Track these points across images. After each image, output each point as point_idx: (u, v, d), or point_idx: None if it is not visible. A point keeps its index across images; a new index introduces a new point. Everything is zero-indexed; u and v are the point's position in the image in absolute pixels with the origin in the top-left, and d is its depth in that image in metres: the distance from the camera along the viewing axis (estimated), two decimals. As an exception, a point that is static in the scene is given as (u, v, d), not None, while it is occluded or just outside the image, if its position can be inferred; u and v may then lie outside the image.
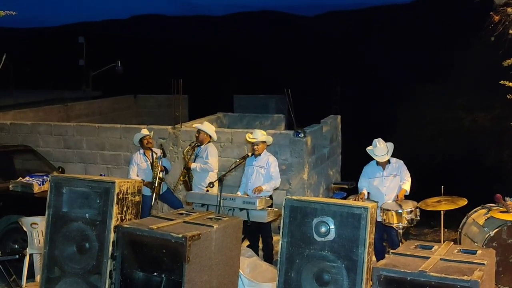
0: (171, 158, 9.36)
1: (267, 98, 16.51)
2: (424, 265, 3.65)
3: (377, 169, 7.03)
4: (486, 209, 5.90)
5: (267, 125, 11.72)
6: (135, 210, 4.97)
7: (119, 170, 9.85)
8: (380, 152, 6.83)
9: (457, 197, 6.22)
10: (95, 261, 4.63)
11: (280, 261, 4.24)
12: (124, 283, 4.60)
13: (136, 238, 4.52)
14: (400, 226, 6.37)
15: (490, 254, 4.01)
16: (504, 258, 5.33)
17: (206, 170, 7.81)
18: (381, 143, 6.88)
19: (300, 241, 4.19)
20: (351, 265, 3.97)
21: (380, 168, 7.01)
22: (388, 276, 3.64)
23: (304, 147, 8.79)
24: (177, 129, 9.56)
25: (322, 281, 4.08)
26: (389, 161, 7.01)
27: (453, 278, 3.44)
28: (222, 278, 4.68)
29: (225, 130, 9.60)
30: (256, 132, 7.36)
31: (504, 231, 5.33)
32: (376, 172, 7.03)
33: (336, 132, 10.97)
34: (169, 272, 4.45)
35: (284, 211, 4.27)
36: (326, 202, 4.22)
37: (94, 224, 4.68)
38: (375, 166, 7.06)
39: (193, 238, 4.28)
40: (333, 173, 10.61)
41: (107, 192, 4.67)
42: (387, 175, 6.97)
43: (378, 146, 6.85)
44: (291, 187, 8.82)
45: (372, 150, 6.91)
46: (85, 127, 10.56)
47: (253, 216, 6.67)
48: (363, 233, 3.97)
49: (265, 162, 7.24)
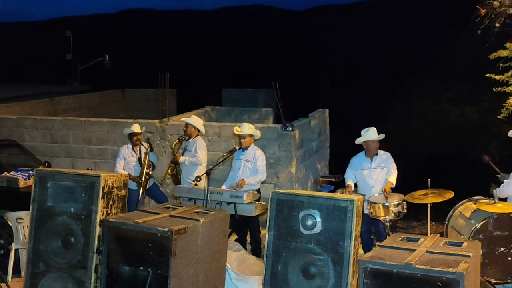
0: (158, 152, 9.31)
1: (255, 92, 16.46)
2: (410, 257, 3.66)
3: (365, 161, 7.03)
4: (472, 201, 5.91)
5: (255, 119, 11.69)
6: (121, 204, 4.94)
7: (107, 165, 9.79)
8: (371, 134, 6.83)
9: (444, 190, 6.25)
10: (81, 255, 4.59)
11: (267, 254, 4.23)
12: (110, 278, 4.56)
13: (122, 232, 4.49)
14: (387, 219, 6.38)
15: (475, 246, 4.03)
16: (490, 250, 5.36)
17: (195, 163, 7.78)
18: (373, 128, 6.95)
19: (287, 234, 4.18)
20: (338, 258, 3.97)
21: (368, 159, 7.01)
22: (374, 268, 3.65)
23: (292, 141, 8.78)
24: (164, 123, 9.51)
25: (309, 274, 4.07)
26: (377, 153, 7.01)
27: (439, 270, 3.46)
28: (208, 272, 4.67)
29: (212, 124, 9.56)
30: (243, 125, 7.34)
31: (490, 224, 5.35)
32: (364, 163, 7.03)
33: (324, 125, 10.97)
34: (155, 266, 4.42)
35: (270, 205, 4.26)
36: (313, 195, 4.21)
37: (79, 218, 4.64)
38: (363, 158, 7.06)
39: (179, 232, 4.26)
40: (321, 166, 10.62)
41: (93, 186, 4.63)
42: (375, 167, 6.98)
43: (371, 130, 6.87)
44: (279, 181, 8.81)
45: (365, 134, 6.90)
46: (72, 121, 10.47)
47: (240, 210, 6.65)
48: (349, 226, 3.97)
49: (252, 156, 7.23)
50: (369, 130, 6.94)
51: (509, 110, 6.86)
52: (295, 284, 4.11)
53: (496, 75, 6.92)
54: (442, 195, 6.12)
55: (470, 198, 6.06)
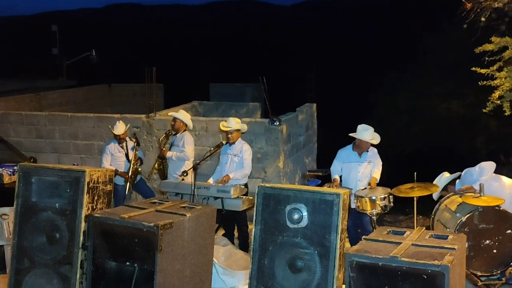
0: (145, 147, 9.27)
1: (243, 86, 16.42)
2: (395, 250, 3.67)
3: (353, 154, 7.05)
4: (458, 195, 5.95)
5: (243, 114, 11.67)
6: (107, 199, 4.90)
7: (93, 160, 9.73)
8: (368, 136, 6.84)
9: (430, 183, 6.28)
10: (66, 251, 4.55)
11: (253, 248, 4.23)
12: (96, 273, 4.53)
13: (108, 227, 4.45)
14: (374, 213, 6.41)
15: (461, 239, 4.05)
16: (475, 243, 5.39)
17: (182, 158, 7.75)
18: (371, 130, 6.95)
19: (273, 228, 4.18)
20: (324, 252, 3.97)
21: (356, 153, 7.03)
22: (360, 262, 3.65)
23: (280, 135, 8.78)
24: (151, 118, 9.47)
25: (295, 267, 4.07)
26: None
27: (424, 263, 3.47)
28: (195, 267, 4.65)
29: (200, 119, 9.53)
30: (230, 120, 7.32)
31: (475, 217, 5.38)
32: (352, 156, 7.05)
33: (312, 120, 10.97)
34: (141, 261, 4.39)
35: (257, 199, 4.25)
36: (299, 189, 4.21)
37: (64, 214, 4.59)
38: (351, 151, 7.08)
39: (165, 227, 4.24)
40: (309, 161, 10.63)
41: (77, 181, 4.59)
42: (362, 161, 7.00)
43: (369, 131, 6.87)
44: (267, 176, 8.81)
45: (362, 133, 6.91)
46: (57, 116, 10.39)
47: (227, 205, 6.64)
48: (335, 220, 3.97)
49: (239, 150, 7.21)
50: (368, 130, 6.93)
51: (494, 104, 6.91)
52: (282, 278, 4.11)
53: (481, 69, 6.96)
54: (428, 188, 6.16)
55: (456, 191, 6.08)
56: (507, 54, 6.85)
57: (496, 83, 6.75)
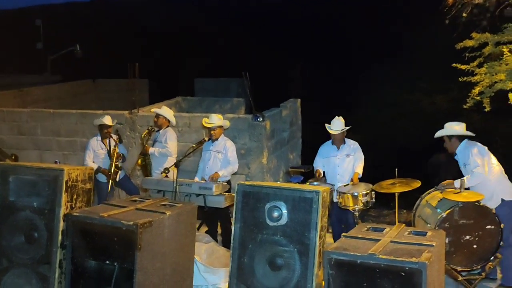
0: (128, 143, 9.21)
1: (228, 81, 16.31)
2: (374, 247, 3.68)
3: (332, 149, 7.13)
4: (439, 190, 5.98)
5: (227, 109, 11.64)
6: (86, 198, 4.87)
7: (76, 157, 9.65)
8: (336, 126, 6.90)
9: (411, 179, 6.30)
10: (44, 250, 4.53)
11: (233, 246, 4.22)
12: (75, 272, 4.50)
13: (87, 226, 4.42)
14: (356, 209, 6.43)
15: (439, 236, 4.07)
16: (456, 238, 5.42)
17: (165, 154, 7.72)
18: (340, 119, 7.03)
19: (253, 226, 4.17)
20: (303, 249, 3.97)
21: (335, 147, 7.10)
22: (338, 259, 3.66)
23: (263, 131, 8.76)
24: (134, 114, 9.40)
25: (275, 265, 4.07)
26: (345, 141, 7.09)
27: (402, 260, 3.48)
28: (176, 265, 4.63)
29: (182, 115, 9.48)
30: (212, 116, 7.29)
31: (456, 212, 5.41)
32: (331, 151, 7.13)
33: (296, 115, 10.96)
34: (121, 260, 4.37)
35: (236, 197, 4.24)
36: (279, 187, 4.20)
37: (42, 213, 4.56)
38: (330, 146, 7.17)
39: (144, 226, 4.21)
40: (293, 156, 10.63)
41: (56, 180, 4.55)
42: (342, 155, 7.06)
43: (336, 120, 6.92)
44: (250, 172, 8.80)
45: (330, 126, 7.02)
46: (40, 112, 10.28)
47: (210, 202, 6.62)
48: (315, 217, 3.97)
49: (223, 147, 7.19)
50: (334, 122, 7.04)
51: (475, 100, 6.95)
52: (262, 276, 4.11)
53: (462, 65, 7.00)
54: (409, 184, 6.18)
55: (437, 187, 6.12)
56: (487, 50, 6.90)
57: (476, 79, 6.80)
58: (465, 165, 5.98)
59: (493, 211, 5.49)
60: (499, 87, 6.66)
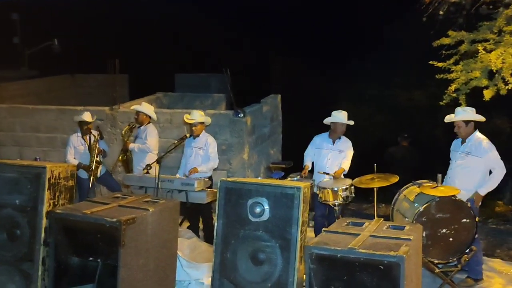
0: (109, 140, 9.19)
1: (209, 77, 16.27)
2: (353, 242, 3.77)
3: (327, 141, 7.16)
4: (416, 185, 6.10)
5: (208, 105, 11.67)
6: (69, 195, 4.89)
7: (56, 153, 9.60)
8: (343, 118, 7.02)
9: (390, 174, 6.42)
10: (27, 248, 4.54)
11: (216, 242, 4.28)
12: (59, 269, 4.53)
13: (70, 223, 4.44)
14: (336, 203, 6.53)
15: (417, 229, 4.18)
16: (433, 232, 5.54)
17: (144, 150, 7.74)
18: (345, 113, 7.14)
19: (235, 222, 4.23)
20: (285, 244, 4.05)
21: (330, 141, 7.13)
22: (319, 254, 3.74)
23: (244, 127, 8.82)
24: (114, 110, 9.38)
25: (257, 260, 4.14)
26: (340, 137, 7.17)
27: (381, 254, 3.58)
28: (159, 261, 4.68)
29: (163, 111, 9.49)
30: (193, 113, 7.32)
31: (432, 206, 5.53)
32: (325, 143, 7.15)
33: (277, 111, 11.04)
34: (104, 256, 4.42)
35: (219, 193, 4.30)
36: (261, 183, 4.27)
37: (25, 211, 4.57)
38: (326, 138, 7.18)
39: (127, 222, 4.26)
40: (274, 152, 10.71)
41: (38, 178, 4.57)
42: (335, 149, 7.10)
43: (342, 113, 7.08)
44: (232, 167, 8.86)
45: (337, 116, 7.06)
46: (18, 108, 10.19)
47: (192, 198, 6.66)
48: (296, 213, 4.05)
49: (204, 143, 7.23)
50: (341, 113, 7.11)
51: (451, 96, 7.09)
52: (244, 271, 4.18)
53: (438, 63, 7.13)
54: (387, 179, 6.30)
55: (414, 181, 6.25)
56: (463, 48, 7.04)
57: (453, 76, 6.93)
58: (468, 153, 5.97)
59: (469, 205, 5.63)
60: (474, 84, 6.80)
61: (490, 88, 6.74)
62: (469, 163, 5.92)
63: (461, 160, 6.01)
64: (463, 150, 6.04)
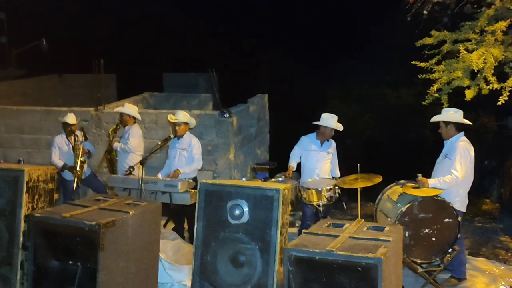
0: (94, 140, 9.14)
1: (196, 76, 16.20)
2: (332, 244, 3.77)
3: (314, 143, 7.06)
4: (399, 185, 6.10)
5: (195, 105, 11.64)
6: (49, 198, 4.85)
7: (40, 154, 9.53)
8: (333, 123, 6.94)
9: (373, 174, 6.40)
10: (5, 252, 4.51)
11: (196, 245, 4.28)
12: (38, 273, 4.49)
13: (49, 227, 4.40)
14: (320, 204, 6.52)
15: (397, 230, 4.18)
16: (415, 232, 5.55)
17: (125, 151, 7.72)
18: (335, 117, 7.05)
19: (216, 224, 4.23)
20: (265, 246, 4.04)
21: (318, 142, 7.06)
22: (298, 256, 3.74)
23: (230, 127, 8.81)
24: (99, 111, 9.33)
25: (238, 262, 4.14)
26: (328, 139, 7.12)
27: (358, 256, 3.58)
28: (140, 264, 4.65)
29: (149, 111, 9.46)
30: (178, 113, 7.30)
31: (415, 206, 5.54)
32: (313, 145, 7.06)
33: (264, 111, 11.03)
34: (84, 260, 4.38)
35: (199, 195, 4.30)
36: (240, 185, 4.26)
37: (3, 214, 4.54)
38: (314, 139, 7.09)
39: (107, 225, 4.22)
40: (261, 152, 10.71)
41: (16, 181, 4.53)
42: (323, 150, 7.05)
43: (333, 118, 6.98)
44: (218, 168, 8.84)
45: (326, 120, 6.97)
46: (3, 109, 10.11)
47: (176, 199, 6.64)
48: (275, 215, 4.04)
49: (188, 144, 7.20)
50: (331, 117, 6.99)
51: (433, 97, 7.10)
52: (224, 273, 4.17)
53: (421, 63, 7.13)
54: (371, 179, 6.28)
55: (397, 182, 6.25)
56: (445, 48, 7.05)
57: (435, 76, 6.94)
58: (445, 156, 5.92)
59: (451, 205, 5.64)
60: (456, 84, 6.80)
61: (472, 88, 6.75)
62: (445, 165, 5.89)
63: (441, 161, 6.01)
64: (443, 151, 6.04)
